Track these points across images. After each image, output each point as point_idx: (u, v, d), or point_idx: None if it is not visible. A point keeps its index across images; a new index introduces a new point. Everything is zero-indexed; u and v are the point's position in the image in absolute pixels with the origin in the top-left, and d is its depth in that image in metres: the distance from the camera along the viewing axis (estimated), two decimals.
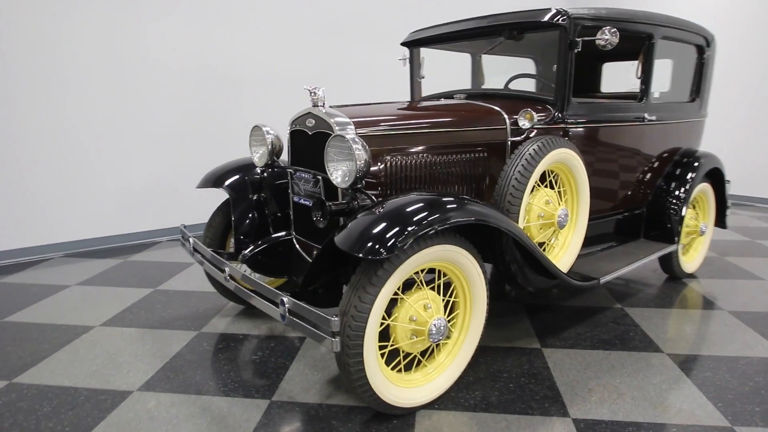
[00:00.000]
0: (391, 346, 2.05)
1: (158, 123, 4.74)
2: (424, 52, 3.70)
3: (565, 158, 2.50)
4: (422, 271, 2.07)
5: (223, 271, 2.34)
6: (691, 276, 3.82)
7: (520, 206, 2.30)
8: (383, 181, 2.34)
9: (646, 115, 3.18)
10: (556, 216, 2.48)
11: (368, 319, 1.84)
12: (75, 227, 4.48)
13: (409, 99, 3.78)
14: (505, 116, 2.68)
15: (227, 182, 2.84)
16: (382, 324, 1.98)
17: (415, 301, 2.04)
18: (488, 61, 4.06)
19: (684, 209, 3.45)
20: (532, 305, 3.27)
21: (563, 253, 2.67)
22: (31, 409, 2.15)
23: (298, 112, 2.55)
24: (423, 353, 2.23)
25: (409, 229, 1.81)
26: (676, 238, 3.42)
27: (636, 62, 3.15)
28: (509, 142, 2.67)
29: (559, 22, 2.64)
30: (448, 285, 2.21)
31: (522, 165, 2.31)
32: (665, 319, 3.06)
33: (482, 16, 3.00)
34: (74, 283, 3.72)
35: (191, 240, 2.68)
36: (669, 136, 3.50)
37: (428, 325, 2.03)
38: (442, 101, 3.04)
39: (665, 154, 3.51)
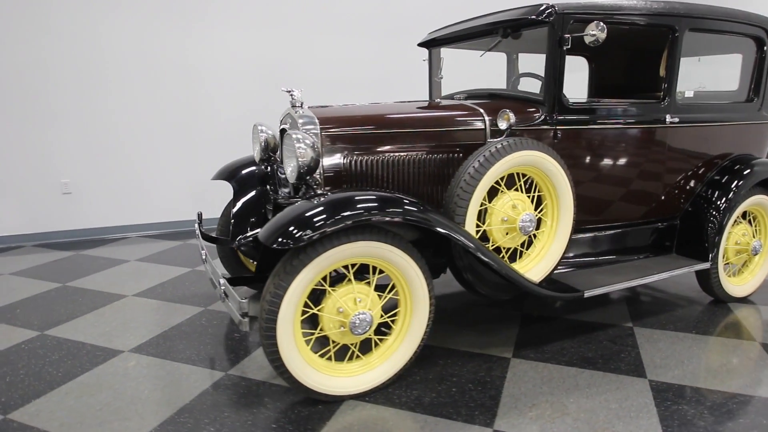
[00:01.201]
0: (319, 333, 2.15)
1: (221, 122, 5.26)
2: (447, 52, 3.69)
3: (535, 161, 2.38)
4: (353, 265, 2.14)
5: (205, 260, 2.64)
6: (742, 300, 3.34)
7: (467, 209, 2.25)
8: (351, 179, 2.43)
9: (668, 117, 2.86)
10: (518, 221, 2.37)
11: (281, 305, 1.96)
12: (150, 212, 5.15)
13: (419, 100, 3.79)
14: (485, 117, 2.61)
15: (233, 176, 3.13)
16: (307, 312, 2.10)
17: (343, 294, 2.12)
18: (525, 60, 3.92)
19: (725, 223, 3.04)
20: (530, 315, 3.12)
21: (537, 261, 2.54)
22: (44, 356, 2.61)
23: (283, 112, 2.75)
24: (367, 345, 2.30)
25: (317, 223, 1.91)
26: (711, 256, 3.03)
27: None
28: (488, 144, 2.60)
29: (546, 18, 2.52)
30: None
31: (474, 167, 2.26)
32: (674, 344, 2.74)
33: (478, 16, 2.94)
34: (134, 258, 4.32)
35: (197, 227, 3.02)
36: (711, 139, 3.10)
37: (350, 317, 2.09)
38: (428, 101, 3.02)
39: (706, 160, 3.12)
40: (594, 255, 2.99)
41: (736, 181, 3.07)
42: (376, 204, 2.03)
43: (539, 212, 2.54)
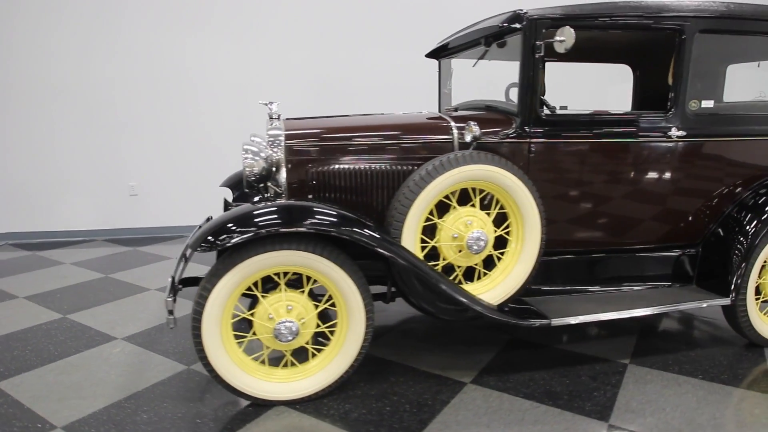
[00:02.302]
0: (252, 337, 2.22)
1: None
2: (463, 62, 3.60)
3: (489, 176, 2.24)
4: (285, 273, 2.19)
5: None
6: None
7: (403, 223, 2.18)
8: (318, 190, 2.47)
9: (673, 130, 2.54)
10: (465, 238, 2.25)
11: (205, 305, 2.07)
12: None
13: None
14: (454, 129, 2.52)
15: (236, 183, 3.33)
16: (238, 316, 2.18)
17: (273, 301, 2.17)
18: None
19: (755, 252, 2.61)
20: (519, 340, 2.92)
21: (497, 283, 2.38)
22: (54, 336, 2.98)
23: None
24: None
25: (228, 232, 1.99)
26: (733, 290, 2.62)
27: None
28: None
29: (517, 25, 2.37)
30: None
31: (414, 181, 2.19)
32: (666, 388, 2.40)
33: (466, 27, 2.84)
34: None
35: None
36: (738, 156, 2.69)
37: (274, 324, 2.14)
38: (405, 113, 2.94)
39: (733, 180, 2.71)
40: (586, 281, 2.73)
41: (766, 207, 2.63)
42: (288, 215, 2.06)
43: (503, 230, 2.39)
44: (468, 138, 2.41)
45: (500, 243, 2.41)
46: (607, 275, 2.77)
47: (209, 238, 2.01)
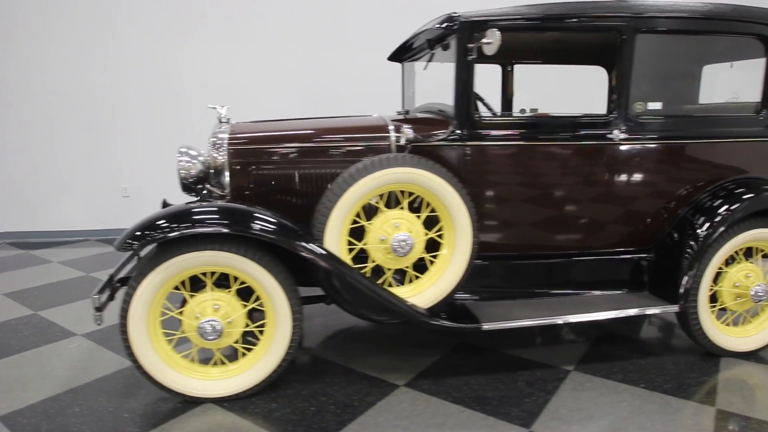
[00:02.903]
0: (181, 334, 2.27)
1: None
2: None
3: (414, 179, 2.24)
4: (213, 273, 2.23)
5: None
6: (747, 355, 2.72)
7: (326, 225, 2.20)
8: (260, 193, 2.52)
9: (616, 132, 2.49)
10: (390, 241, 2.25)
11: (131, 303, 2.13)
12: None
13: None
14: (391, 132, 2.53)
15: None
16: (166, 314, 2.24)
17: (200, 301, 2.22)
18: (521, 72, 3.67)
19: (705, 259, 2.54)
20: (466, 345, 2.89)
21: (428, 286, 2.37)
22: (19, 331, 3.10)
23: None
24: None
25: (146, 231, 2.06)
26: (682, 297, 2.55)
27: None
28: None
29: (450, 28, 2.37)
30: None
31: (337, 183, 2.21)
32: (603, 396, 2.35)
33: (415, 31, 2.85)
34: None
35: None
36: (692, 159, 2.62)
37: (198, 323, 2.18)
38: (346, 117, 2.94)
39: (686, 183, 2.64)
40: (534, 286, 2.69)
41: (720, 210, 2.55)
42: (218, 216, 2.11)
43: (435, 234, 2.38)
44: (402, 141, 2.42)
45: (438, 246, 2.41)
46: (558, 280, 2.73)
47: (128, 240, 2.08)
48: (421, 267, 2.42)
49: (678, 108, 2.88)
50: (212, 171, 2.54)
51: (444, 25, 2.37)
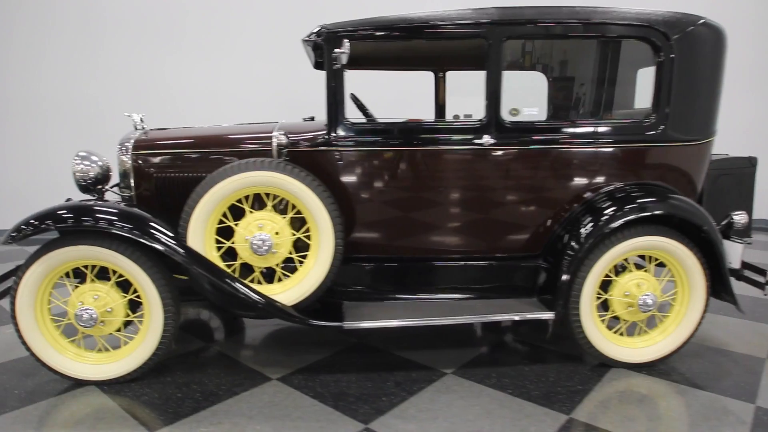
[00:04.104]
0: (66, 321, 2.50)
1: None
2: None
3: (274, 182, 2.36)
4: (95, 267, 2.45)
5: None
6: (639, 367, 2.65)
7: (188, 224, 2.36)
8: (162, 196, 2.73)
9: (485, 138, 2.51)
10: (250, 240, 2.38)
11: (17, 291, 2.38)
12: None
13: None
14: (273, 138, 2.66)
15: None
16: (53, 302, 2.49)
17: (82, 292, 2.44)
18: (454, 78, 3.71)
19: (584, 266, 2.51)
20: (360, 345, 2.97)
21: (294, 284, 2.48)
22: None
23: None
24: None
25: (19, 225, 2.31)
26: (559, 304, 2.52)
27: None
28: None
29: (319, 38, 2.49)
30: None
31: (201, 185, 2.37)
32: (463, 398, 2.37)
33: None
34: None
35: None
36: (572, 165, 2.59)
37: (74, 311, 2.40)
38: (241, 125, 3.06)
39: (566, 190, 2.62)
40: (416, 289, 2.74)
41: (599, 217, 2.51)
42: (74, 213, 2.33)
43: (303, 234, 2.49)
44: (274, 146, 2.56)
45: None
46: (447, 285, 2.76)
47: (12, 234, 2.33)
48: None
49: (561, 115, 2.85)
50: (121, 174, 2.77)
51: (313, 36, 2.49)
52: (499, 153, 2.54)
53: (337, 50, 2.30)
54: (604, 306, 2.68)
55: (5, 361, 2.79)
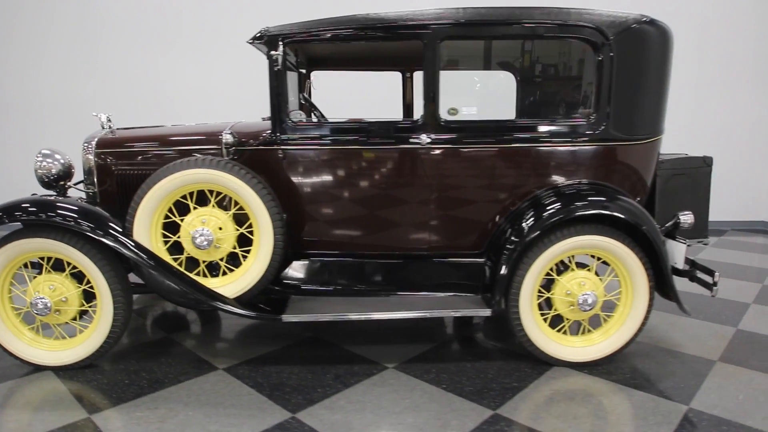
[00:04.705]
0: (26, 309, 2.64)
1: None
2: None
3: (213, 180, 2.46)
4: (50, 259, 2.59)
5: None
6: (585, 366, 2.65)
7: (134, 219, 2.47)
8: (122, 192, 2.86)
9: (423, 137, 2.55)
10: (189, 235, 2.48)
11: None
12: None
13: None
14: (223, 138, 2.75)
15: None
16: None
17: (38, 282, 2.58)
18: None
19: (520, 264, 2.53)
20: (315, 339, 3.05)
21: (236, 277, 2.57)
22: None
23: None
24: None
25: None
26: (496, 301, 2.55)
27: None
28: None
29: (260, 41, 2.57)
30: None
31: (146, 183, 2.48)
32: (396, 392, 2.42)
33: None
34: None
35: None
36: (513, 164, 2.61)
37: (30, 299, 2.55)
38: (200, 124, 3.15)
39: (505, 189, 2.65)
40: (362, 284, 2.81)
41: (534, 215, 2.53)
42: (34, 207, 2.47)
43: (246, 230, 2.58)
44: (222, 145, 2.66)
45: None
46: (390, 281, 2.81)
47: None
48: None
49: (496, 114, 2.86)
50: (85, 171, 2.92)
51: (255, 39, 2.58)
52: (437, 152, 2.58)
53: (272, 52, 2.38)
54: (550, 305, 2.69)
55: None
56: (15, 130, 6.15)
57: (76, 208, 2.51)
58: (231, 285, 2.57)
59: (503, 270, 2.53)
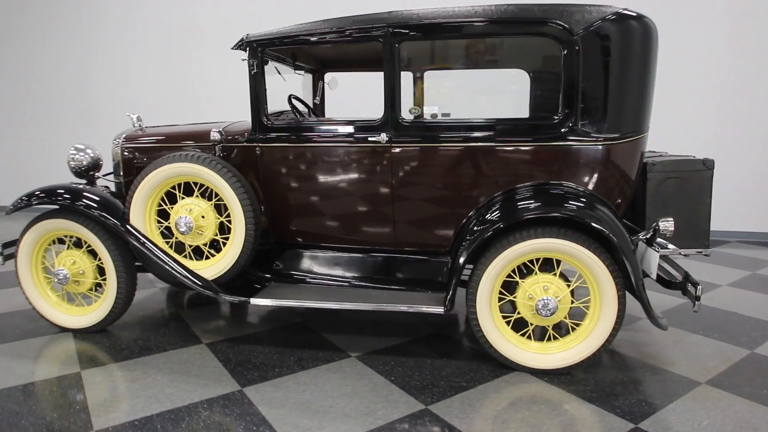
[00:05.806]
0: (53, 278, 3.13)
1: None
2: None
3: (192, 172, 2.73)
4: (71, 237, 3.04)
5: None
6: (547, 374, 2.56)
7: (130, 206, 2.82)
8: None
9: (382, 136, 2.61)
10: (175, 220, 2.78)
11: (17, 251, 3.05)
12: None
13: None
14: (211, 134, 3.01)
15: None
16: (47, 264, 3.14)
17: (63, 257, 3.05)
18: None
19: (484, 264, 2.51)
20: (298, 324, 3.23)
21: (215, 261, 2.83)
22: None
23: None
24: None
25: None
26: (448, 301, 2.56)
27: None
28: None
29: (240, 47, 2.80)
30: None
31: (140, 174, 2.82)
32: (344, 379, 2.54)
33: None
34: None
35: None
36: (476, 164, 2.59)
37: (54, 271, 3.01)
38: (202, 123, 3.42)
39: (467, 189, 2.63)
40: (336, 275, 2.94)
41: (489, 216, 2.50)
42: (58, 193, 2.91)
43: (225, 219, 2.84)
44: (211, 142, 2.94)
45: None
46: (362, 274, 2.92)
47: (10, 206, 3.00)
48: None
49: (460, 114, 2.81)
50: (114, 164, 3.38)
51: (236, 46, 2.82)
52: (397, 150, 2.64)
53: (249, 59, 2.60)
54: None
55: (24, 309, 3.53)
56: (68, 127, 7.15)
57: (89, 195, 2.93)
58: (210, 268, 2.85)
59: (453, 269, 2.53)
